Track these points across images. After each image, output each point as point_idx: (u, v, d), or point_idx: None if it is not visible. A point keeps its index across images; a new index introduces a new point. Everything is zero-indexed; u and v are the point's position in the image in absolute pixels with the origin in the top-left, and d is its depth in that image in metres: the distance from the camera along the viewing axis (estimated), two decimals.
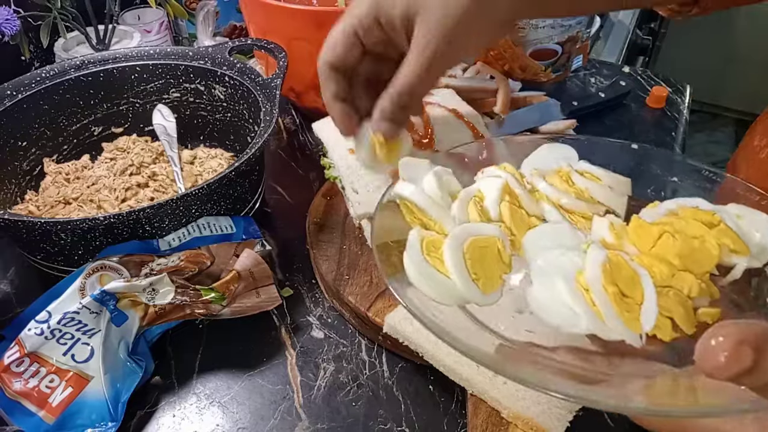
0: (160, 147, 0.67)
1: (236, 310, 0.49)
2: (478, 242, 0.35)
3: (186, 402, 0.47)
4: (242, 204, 0.59)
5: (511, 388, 0.42)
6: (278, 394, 0.47)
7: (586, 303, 0.31)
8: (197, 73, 0.67)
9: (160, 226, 0.51)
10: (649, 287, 0.32)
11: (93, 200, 0.60)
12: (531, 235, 0.36)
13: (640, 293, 0.32)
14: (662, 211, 0.38)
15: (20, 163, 0.62)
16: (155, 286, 0.46)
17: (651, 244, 0.34)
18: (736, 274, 0.34)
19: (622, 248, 0.35)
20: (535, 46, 0.82)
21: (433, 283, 0.33)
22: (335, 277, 0.53)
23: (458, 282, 0.33)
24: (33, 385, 0.43)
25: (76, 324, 0.44)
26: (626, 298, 0.32)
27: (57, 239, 0.49)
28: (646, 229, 0.35)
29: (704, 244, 0.34)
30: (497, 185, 0.39)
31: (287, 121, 0.82)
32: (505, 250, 0.36)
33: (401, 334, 0.46)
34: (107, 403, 0.43)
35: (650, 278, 0.32)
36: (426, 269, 0.33)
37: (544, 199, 0.39)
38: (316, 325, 0.52)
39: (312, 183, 0.70)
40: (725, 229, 0.34)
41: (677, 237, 0.34)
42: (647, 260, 0.33)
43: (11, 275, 0.58)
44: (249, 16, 0.75)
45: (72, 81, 0.64)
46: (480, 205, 0.38)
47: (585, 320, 0.31)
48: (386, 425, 0.45)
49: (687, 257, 0.33)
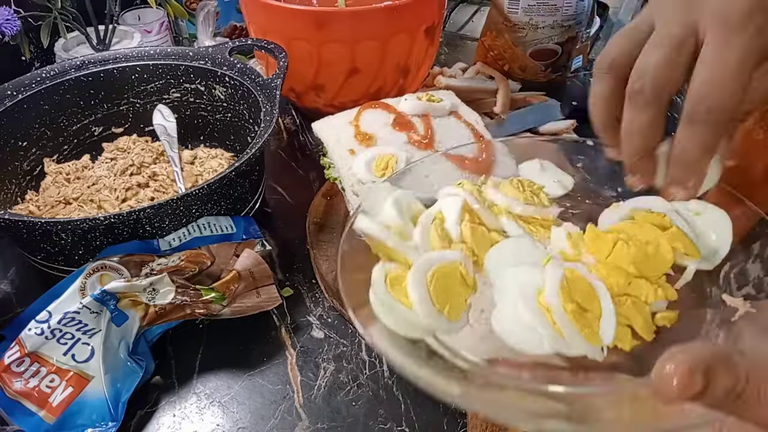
0: (160, 147, 0.67)
1: (236, 310, 0.49)
2: (440, 270, 0.35)
3: (186, 402, 0.47)
4: (242, 204, 0.59)
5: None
6: (278, 393, 0.47)
7: (547, 323, 0.32)
8: (197, 74, 0.67)
9: (161, 226, 0.51)
10: (606, 300, 0.33)
11: (93, 200, 0.60)
12: (492, 254, 0.37)
13: (598, 306, 0.33)
14: (622, 214, 0.38)
15: (21, 163, 0.62)
16: (155, 286, 0.46)
17: (607, 252, 0.35)
18: (687, 276, 0.35)
19: (580, 258, 0.36)
20: (535, 46, 0.82)
21: (398, 317, 0.34)
22: (335, 277, 0.53)
23: (422, 314, 0.33)
24: (33, 384, 0.43)
25: (77, 324, 0.44)
26: (585, 313, 0.33)
27: (57, 239, 0.49)
28: (601, 238, 0.36)
29: (658, 249, 0.35)
30: (457, 205, 0.39)
31: (287, 122, 0.82)
32: (468, 273, 0.36)
33: None
34: (107, 402, 0.43)
35: (607, 291, 0.33)
36: (391, 304, 0.34)
37: (502, 213, 0.40)
38: (316, 325, 0.53)
39: (312, 183, 0.70)
40: (677, 232, 0.35)
41: (631, 244, 0.35)
42: (604, 270, 0.34)
43: (12, 275, 0.58)
44: (249, 16, 0.75)
45: (72, 81, 0.64)
46: (441, 227, 0.38)
47: (547, 340, 0.32)
48: (386, 425, 0.45)
49: (641, 263, 0.34)
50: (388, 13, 0.67)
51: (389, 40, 0.69)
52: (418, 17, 0.70)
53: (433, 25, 0.72)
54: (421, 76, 0.79)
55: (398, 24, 0.68)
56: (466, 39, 1.06)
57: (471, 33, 1.07)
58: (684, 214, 0.36)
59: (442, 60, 0.97)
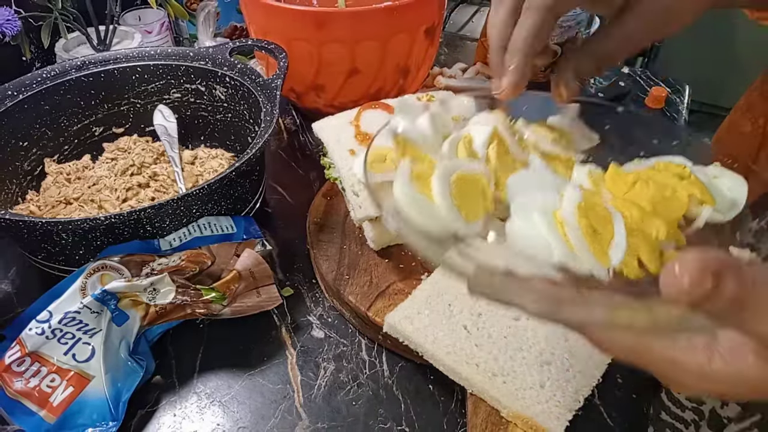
0: (160, 147, 0.67)
1: (237, 310, 0.49)
2: (464, 176, 0.36)
3: (187, 401, 0.47)
4: (243, 204, 0.59)
5: (510, 387, 0.42)
6: (278, 393, 0.47)
7: (559, 235, 0.33)
8: (198, 74, 0.67)
9: (161, 226, 0.51)
10: (619, 225, 0.33)
11: (94, 200, 0.60)
12: (514, 178, 0.37)
13: (611, 231, 0.33)
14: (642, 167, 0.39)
15: (21, 163, 0.63)
16: (156, 285, 0.47)
17: (625, 189, 0.36)
18: (699, 222, 0.35)
19: (599, 194, 0.36)
20: None
21: (419, 207, 0.34)
22: (335, 277, 0.53)
23: (443, 207, 0.34)
24: (34, 384, 0.43)
25: (77, 324, 0.44)
26: (597, 234, 0.33)
27: (58, 239, 0.49)
28: (621, 177, 0.36)
29: (675, 192, 0.35)
30: (487, 130, 0.40)
31: (288, 122, 0.82)
32: (489, 187, 0.37)
33: (401, 333, 0.46)
34: (108, 402, 0.44)
35: (622, 219, 0.33)
36: (413, 194, 0.35)
37: (530, 149, 0.40)
38: (316, 325, 0.53)
39: (312, 183, 0.70)
40: (695, 180, 0.36)
41: (650, 184, 0.35)
42: (621, 204, 0.35)
43: (12, 275, 0.58)
44: (249, 16, 0.75)
45: (73, 81, 0.64)
46: (469, 146, 0.39)
47: (558, 250, 0.32)
48: (386, 424, 0.45)
49: (658, 203, 0.34)
50: (388, 13, 0.67)
51: (389, 41, 0.69)
52: (418, 17, 0.70)
53: (433, 25, 0.73)
54: (420, 76, 0.79)
55: (398, 24, 0.68)
56: (466, 39, 1.06)
57: (471, 33, 1.08)
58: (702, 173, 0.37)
59: (442, 60, 0.97)
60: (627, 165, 0.40)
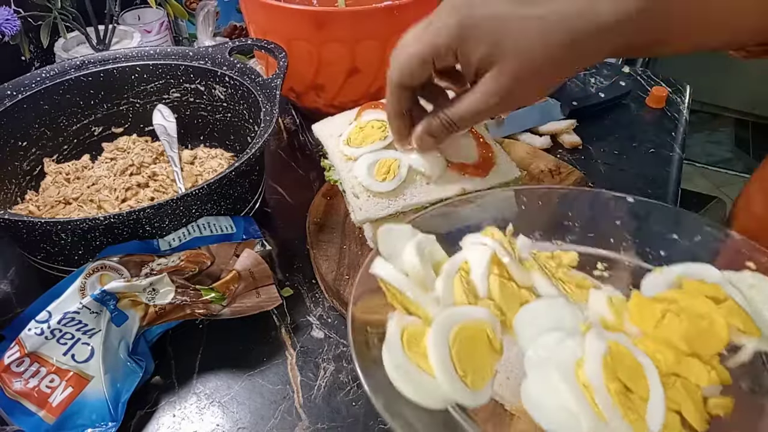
0: (160, 147, 0.67)
1: (236, 310, 0.49)
2: (465, 330, 0.32)
3: (186, 402, 0.47)
4: (242, 204, 0.59)
5: (514, 384, 0.42)
6: (278, 393, 0.47)
7: (587, 402, 0.29)
8: (197, 74, 0.67)
9: (161, 226, 0.51)
10: (654, 380, 0.29)
11: (93, 200, 0.60)
12: (523, 315, 0.33)
13: (644, 386, 0.29)
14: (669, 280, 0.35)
15: (20, 163, 0.62)
16: (155, 286, 0.46)
17: (654, 323, 0.32)
18: (744, 357, 0.32)
19: (622, 328, 0.33)
20: None
21: (416, 385, 0.30)
22: (335, 277, 0.53)
23: (444, 382, 0.30)
24: (33, 385, 0.43)
25: (77, 324, 0.44)
26: (630, 394, 0.29)
27: (57, 239, 0.49)
28: (648, 308, 0.32)
29: (712, 325, 0.31)
30: (485, 256, 0.36)
31: (287, 122, 0.82)
32: (495, 336, 0.33)
33: None
34: (107, 402, 0.43)
35: (655, 369, 0.30)
36: (407, 368, 0.31)
37: (534, 269, 0.36)
38: (316, 325, 0.53)
39: (312, 183, 0.70)
40: (734, 306, 0.31)
41: (682, 317, 0.31)
42: (651, 345, 0.31)
43: (11, 275, 0.58)
44: (249, 16, 0.75)
45: (72, 81, 0.64)
46: (466, 279, 0.35)
47: (586, 423, 0.28)
48: (386, 425, 0.45)
49: (694, 339, 0.30)
50: (388, 13, 0.67)
51: (389, 40, 0.69)
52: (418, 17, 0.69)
53: None
54: None
55: (398, 24, 0.68)
56: None
57: None
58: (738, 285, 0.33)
59: None
60: (649, 278, 0.35)
